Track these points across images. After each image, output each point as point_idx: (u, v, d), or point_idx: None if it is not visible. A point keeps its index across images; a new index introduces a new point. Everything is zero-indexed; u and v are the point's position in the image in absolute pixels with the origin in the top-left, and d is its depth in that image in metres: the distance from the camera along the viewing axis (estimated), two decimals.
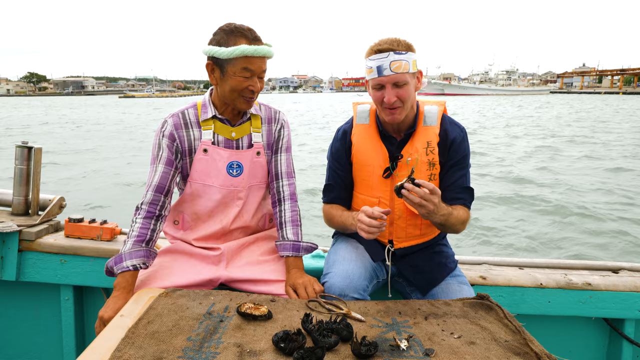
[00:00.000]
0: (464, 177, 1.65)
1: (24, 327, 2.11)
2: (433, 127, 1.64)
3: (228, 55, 1.44)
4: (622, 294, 1.85)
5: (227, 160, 1.60)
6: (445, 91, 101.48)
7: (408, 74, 1.52)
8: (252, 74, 1.49)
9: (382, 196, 1.65)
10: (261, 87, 1.55)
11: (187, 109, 1.62)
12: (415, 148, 1.62)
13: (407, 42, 1.54)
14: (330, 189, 1.77)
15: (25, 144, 2.06)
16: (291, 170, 1.76)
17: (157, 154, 1.58)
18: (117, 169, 11.13)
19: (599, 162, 11.86)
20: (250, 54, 1.44)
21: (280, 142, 1.73)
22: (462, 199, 1.64)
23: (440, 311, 1.36)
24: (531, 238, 5.95)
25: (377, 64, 1.51)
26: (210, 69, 1.53)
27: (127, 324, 1.21)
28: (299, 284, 1.50)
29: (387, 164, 1.63)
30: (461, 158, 1.64)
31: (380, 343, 1.14)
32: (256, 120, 1.67)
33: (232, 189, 1.62)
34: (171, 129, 1.57)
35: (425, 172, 1.62)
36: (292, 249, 1.62)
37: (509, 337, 1.20)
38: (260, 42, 1.50)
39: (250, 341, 1.14)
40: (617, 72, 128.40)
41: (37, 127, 24.16)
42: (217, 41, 1.48)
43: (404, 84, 1.52)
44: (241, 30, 1.47)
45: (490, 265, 2.03)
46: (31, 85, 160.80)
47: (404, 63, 1.50)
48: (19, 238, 1.94)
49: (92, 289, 2.08)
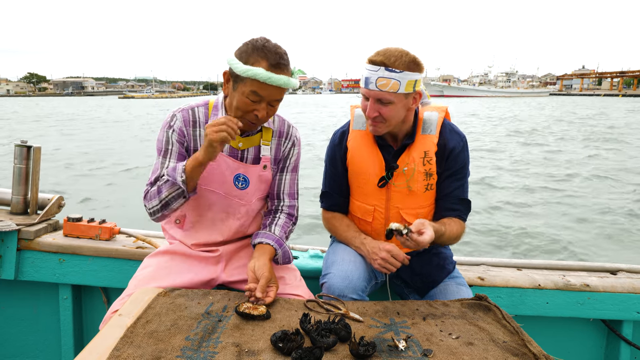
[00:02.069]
0: (462, 187, 1.62)
1: (22, 326, 2.11)
2: (432, 136, 1.59)
3: (241, 73, 1.35)
4: (620, 295, 1.85)
5: (234, 170, 1.53)
6: (444, 93, 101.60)
7: (395, 94, 1.44)
8: (261, 99, 1.39)
9: (378, 204, 1.64)
10: (271, 114, 1.45)
11: (198, 106, 1.54)
12: (412, 157, 1.58)
13: (409, 60, 1.43)
14: (328, 196, 1.75)
15: (24, 143, 2.06)
16: (294, 191, 1.68)
17: (167, 147, 1.50)
18: (118, 167, 11.13)
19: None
20: (262, 79, 1.33)
21: (288, 160, 1.64)
22: (458, 210, 1.61)
23: (439, 312, 1.36)
24: (531, 239, 5.96)
25: (366, 75, 1.46)
26: (226, 78, 1.45)
27: (125, 323, 1.21)
28: (273, 283, 1.41)
29: (383, 173, 1.60)
30: (459, 168, 1.60)
31: (379, 343, 1.14)
32: (267, 133, 1.58)
33: (236, 200, 1.56)
34: (180, 125, 1.50)
35: (422, 182, 1.58)
36: (275, 241, 1.52)
37: (507, 338, 1.20)
38: (281, 71, 1.37)
39: (249, 341, 1.14)
40: (617, 75, 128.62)
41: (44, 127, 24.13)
42: (240, 53, 1.39)
43: (388, 103, 1.46)
44: (266, 51, 1.36)
45: (488, 266, 2.03)
46: (31, 86, 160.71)
47: (393, 82, 1.42)
48: (17, 237, 1.94)
49: (90, 288, 2.08)
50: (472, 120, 26.19)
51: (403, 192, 1.60)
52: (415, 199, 1.60)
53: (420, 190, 1.59)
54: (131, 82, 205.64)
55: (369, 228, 1.69)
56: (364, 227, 1.71)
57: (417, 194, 1.59)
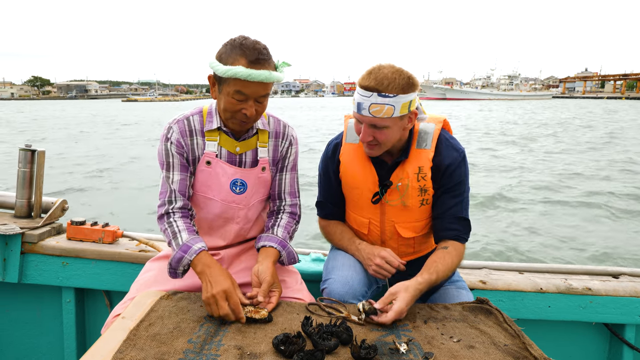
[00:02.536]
0: (459, 205, 1.52)
1: (25, 329, 2.12)
2: (427, 150, 1.52)
3: (222, 74, 1.35)
4: (623, 299, 1.85)
5: (231, 176, 1.52)
6: (447, 96, 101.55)
7: (390, 119, 1.39)
8: (247, 97, 1.37)
9: (373, 217, 1.62)
10: (261, 110, 1.44)
11: (192, 115, 1.53)
12: (406, 173, 1.52)
13: (402, 82, 1.37)
14: (323, 205, 1.73)
15: (28, 147, 2.07)
16: (295, 190, 1.67)
17: (168, 160, 1.50)
18: (123, 173, 11.17)
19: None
20: (243, 77, 1.32)
21: (286, 160, 1.63)
22: (455, 230, 1.52)
23: (440, 315, 1.36)
24: (533, 242, 5.95)
25: (359, 101, 1.40)
26: (212, 82, 1.44)
27: (128, 326, 1.22)
28: (276, 288, 1.41)
29: (377, 189, 1.56)
30: (456, 184, 1.51)
31: (380, 346, 1.15)
32: (263, 135, 1.57)
33: (234, 205, 1.56)
34: (177, 136, 1.49)
35: (417, 197, 1.53)
36: (278, 243, 1.53)
37: (508, 341, 1.20)
38: (262, 66, 1.35)
39: (251, 344, 1.15)
40: (620, 77, 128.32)
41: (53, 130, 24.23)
42: (220, 55, 1.38)
43: (383, 127, 1.41)
44: (244, 48, 1.34)
45: (490, 269, 2.03)
46: (35, 89, 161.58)
47: (387, 108, 1.36)
48: (21, 240, 1.95)
49: (93, 292, 2.09)
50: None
51: (398, 207, 1.57)
52: (411, 214, 1.58)
53: (416, 206, 1.55)
54: (134, 86, 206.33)
55: (365, 239, 1.68)
56: (361, 237, 1.69)
57: (412, 209, 1.56)
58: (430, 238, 1.67)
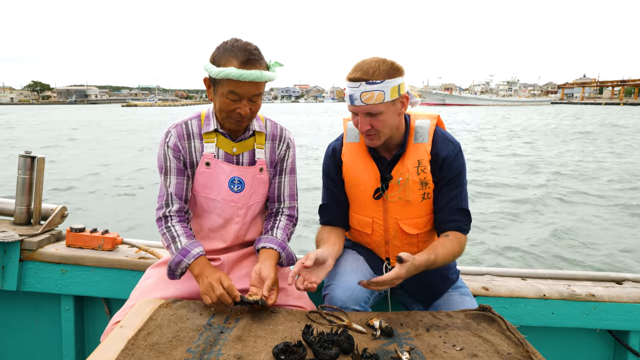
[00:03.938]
0: (459, 196, 1.57)
1: (24, 337, 2.10)
2: (424, 144, 1.57)
3: (215, 76, 1.40)
4: (627, 305, 1.83)
5: (229, 174, 1.56)
6: (446, 101, 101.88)
7: (383, 104, 1.45)
8: (240, 97, 1.42)
9: (376, 216, 1.63)
10: (255, 109, 1.48)
11: (190, 119, 1.58)
12: (406, 167, 1.57)
13: (386, 68, 1.43)
14: (326, 209, 1.73)
15: (28, 154, 2.07)
16: (294, 192, 1.70)
17: (165, 165, 1.55)
18: (121, 179, 11.16)
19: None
20: (235, 77, 1.37)
21: (284, 162, 1.67)
22: (457, 221, 1.55)
23: (442, 323, 1.35)
24: (534, 247, 5.93)
25: (349, 93, 1.46)
26: (207, 84, 1.49)
27: (127, 334, 1.20)
28: (275, 288, 1.43)
29: (378, 185, 1.59)
30: (454, 176, 1.56)
31: (382, 355, 1.13)
32: (260, 137, 1.62)
33: (233, 204, 1.58)
34: (175, 140, 1.54)
35: (418, 191, 1.57)
36: (278, 245, 1.56)
37: (512, 350, 1.19)
38: (253, 66, 1.39)
39: (251, 353, 1.13)
40: (618, 83, 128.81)
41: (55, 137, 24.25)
42: (213, 57, 1.43)
43: (378, 114, 1.46)
44: (235, 50, 1.39)
45: (492, 276, 2.02)
46: (35, 94, 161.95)
47: (377, 94, 1.42)
48: (20, 248, 1.94)
49: (92, 299, 2.07)
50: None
51: (400, 203, 1.59)
52: (413, 209, 1.59)
53: (417, 200, 1.58)
54: (134, 91, 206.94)
55: (369, 240, 1.69)
56: (364, 239, 1.70)
57: (414, 204, 1.58)
58: (433, 236, 1.67)
